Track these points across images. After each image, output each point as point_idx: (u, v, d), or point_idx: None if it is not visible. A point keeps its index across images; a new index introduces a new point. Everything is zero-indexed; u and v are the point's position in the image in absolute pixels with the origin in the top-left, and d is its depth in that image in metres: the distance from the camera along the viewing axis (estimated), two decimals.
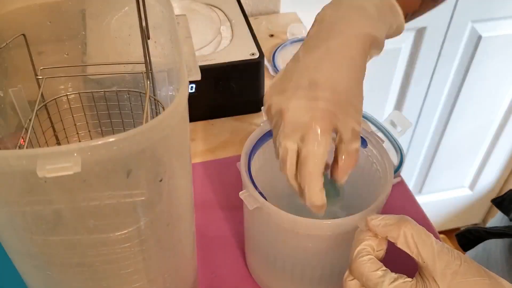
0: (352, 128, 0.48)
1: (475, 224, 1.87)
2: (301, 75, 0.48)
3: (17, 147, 0.50)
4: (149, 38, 0.49)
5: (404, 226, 0.40)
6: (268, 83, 0.85)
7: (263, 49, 0.80)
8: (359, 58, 0.49)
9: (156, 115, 0.54)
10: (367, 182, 0.57)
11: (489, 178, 1.69)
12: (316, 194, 0.47)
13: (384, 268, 0.40)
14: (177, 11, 0.86)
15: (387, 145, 0.72)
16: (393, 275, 0.39)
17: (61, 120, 0.57)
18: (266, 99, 0.50)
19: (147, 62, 0.51)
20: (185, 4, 0.88)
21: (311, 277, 0.56)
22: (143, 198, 0.40)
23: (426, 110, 1.45)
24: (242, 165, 0.52)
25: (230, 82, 0.78)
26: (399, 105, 1.42)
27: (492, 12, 1.26)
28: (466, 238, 0.77)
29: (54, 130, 0.58)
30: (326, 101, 0.47)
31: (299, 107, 0.47)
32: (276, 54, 0.93)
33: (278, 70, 0.90)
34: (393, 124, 0.72)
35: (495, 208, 0.76)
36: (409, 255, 0.40)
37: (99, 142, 0.32)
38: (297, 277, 0.56)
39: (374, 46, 0.51)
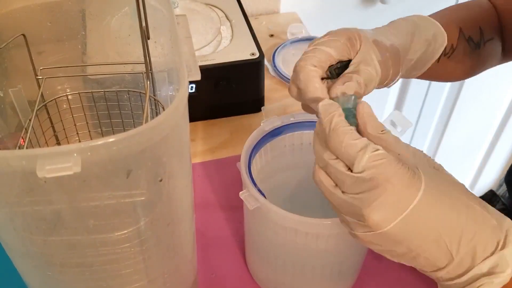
0: (372, 61, 0.46)
1: None
2: None
3: (17, 147, 0.50)
4: (149, 38, 0.49)
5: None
6: (268, 83, 0.85)
7: (263, 49, 0.80)
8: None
9: (156, 115, 0.54)
10: None
11: (489, 178, 1.69)
12: (309, 80, 0.44)
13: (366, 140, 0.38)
14: (177, 11, 0.85)
15: None
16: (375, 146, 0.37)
17: (61, 120, 0.57)
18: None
19: (147, 62, 0.51)
20: (185, 4, 0.88)
21: (311, 277, 0.56)
22: (143, 198, 0.40)
23: (426, 110, 1.45)
24: (242, 165, 0.52)
25: (230, 82, 0.78)
26: (399, 105, 1.42)
27: None
28: None
29: (54, 130, 0.58)
30: (368, 32, 0.48)
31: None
32: (276, 54, 0.93)
33: (278, 70, 0.90)
34: (393, 124, 0.72)
35: (495, 199, 0.76)
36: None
37: (99, 142, 0.32)
38: (297, 277, 0.56)
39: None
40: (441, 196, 0.37)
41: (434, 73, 0.57)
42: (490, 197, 0.78)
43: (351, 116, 0.40)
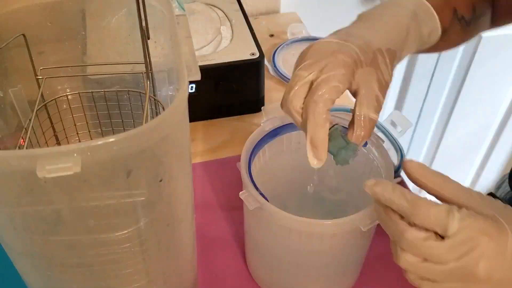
0: (375, 95, 0.45)
1: None
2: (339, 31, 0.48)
3: (17, 147, 0.50)
4: (149, 38, 0.49)
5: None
6: (268, 83, 0.85)
7: (263, 49, 0.80)
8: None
9: (156, 115, 0.54)
10: None
11: (489, 178, 1.69)
12: (319, 125, 0.44)
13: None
14: (177, 11, 0.85)
15: (387, 145, 0.72)
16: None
17: (61, 120, 0.57)
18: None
19: (147, 62, 0.51)
20: (185, 4, 0.88)
21: (311, 277, 0.56)
22: (143, 198, 0.40)
23: (426, 110, 1.45)
24: (242, 165, 0.52)
25: (230, 82, 0.78)
26: (399, 105, 1.42)
27: None
28: None
29: (54, 130, 0.58)
30: (356, 45, 0.46)
31: (328, 41, 0.46)
32: (276, 54, 0.93)
33: (278, 70, 0.90)
34: (393, 124, 0.72)
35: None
36: None
37: (99, 142, 0.32)
38: (297, 277, 0.56)
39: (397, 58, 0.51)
40: None
41: (421, 50, 0.57)
42: None
43: (337, 135, 0.44)
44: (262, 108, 0.59)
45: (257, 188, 0.50)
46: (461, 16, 0.58)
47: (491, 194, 0.78)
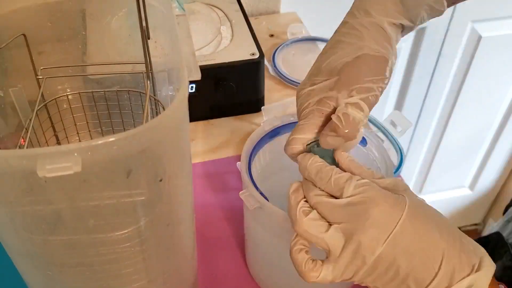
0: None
1: (475, 224, 1.86)
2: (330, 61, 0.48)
3: (17, 147, 0.50)
4: (149, 38, 0.49)
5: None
6: (268, 83, 0.85)
7: (263, 49, 0.80)
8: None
9: (156, 115, 0.54)
10: None
11: (489, 178, 1.69)
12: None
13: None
14: (177, 11, 0.86)
15: (387, 145, 0.72)
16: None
17: (61, 120, 0.57)
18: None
19: (147, 62, 0.51)
20: (185, 4, 0.88)
21: None
22: (143, 198, 0.40)
23: (426, 110, 1.45)
24: (242, 165, 0.52)
25: (230, 82, 0.78)
26: (399, 105, 1.42)
27: (492, 12, 1.26)
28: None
29: (54, 130, 0.58)
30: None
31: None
32: (276, 54, 0.93)
33: (278, 70, 0.90)
34: (393, 124, 0.72)
35: (495, 208, 0.76)
36: None
37: (99, 142, 0.32)
38: (297, 277, 0.56)
39: (404, 32, 0.50)
40: (425, 216, 0.40)
41: None
42: (496, 241, 0.79)
43: (328, 158, 0.45)
44: (262, 108, 0.59)
45: (257, 188, 0.50)
46: None
47: (497, 234, 0.78)
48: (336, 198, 0.41)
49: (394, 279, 0.39)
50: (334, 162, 0.45)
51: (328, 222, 0.41)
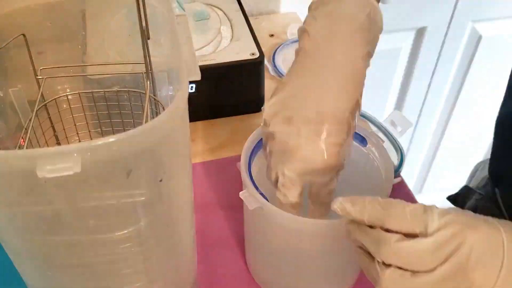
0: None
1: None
2: (305, 103, 0.46)
3: (17, 147, 0.50)
4: (149, 38, 0.49)
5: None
6: (268, 83, 0.85)
7: (263, 49, 0.80)
8: (359, 77, 0.47)
9: (156, 115, 0.54)
10: (367, 182, 0.57)
11: None
12: None
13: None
14: (177, 11, 0.85)
15: (387, 145, 0.72)
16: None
17: (61, 120, 0.57)
18: (268, 122, 0.48)
19: (147, 62, 0.51)
20: (185, 4, 0.88)
21: (311, 277, 0.56)
22: (143, 198, 0.40)
23: (426, 110, 1.45)
24: (242, 165, 0.52)
25: (230, 82, 0.78)
26: (399, 105, 1.42)
27: (492, 12, 1.26)
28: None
29: (54, 130, 0.57)
30: (335, 135, 0.45)
31: (311, 145, 0.45)
32: (276, 54, 0.93)
33: (278, 70, 0.90)
34: (393, 124, 0.72)
35: (471, 193, 0.77)
36: None
37: (99, 142, 0.32)
38: (296, 277, 0.56)
39: (369, 57, 0.50)
40: None
41: None
42: (466, 193, 0.79)
43: None
44: (262, 108, 0.59)
45: (257, 188, 0.50)
46: None
47: (465, 186, 0.78)
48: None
49: None
50: None
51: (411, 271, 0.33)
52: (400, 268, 0.33)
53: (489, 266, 0.32)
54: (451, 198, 0.79)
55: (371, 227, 0.36)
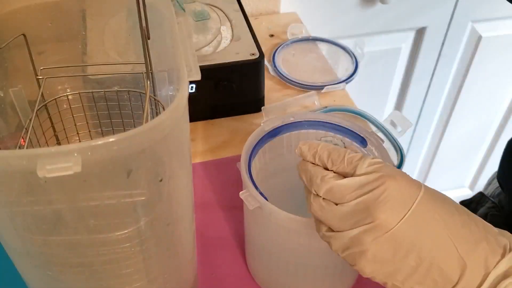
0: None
1: None
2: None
3: (17, 147, 0.50)
4: (149, 38, 0.49)
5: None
6: (268, 83, 0.85)
7: (263, 49, 0.80)
8: None
9: (156, 115, 0.54)
10: None
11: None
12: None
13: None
14: (177, 11, 0.85)
15: (387, 145, 0.72)
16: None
17: (61, 120, 0.57)
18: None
19: (147, 62, 0.51)
20: (185, 4, 0.88)
21: (311, 277, 0.56)
22: (143, 198, 0.40)
23: (426, 110, 1.45)
24: (242, 165, 0.52)
25: (230, 82, 0.78)
26: (399, 105, 1.42)
27: (492, 12, 1.26)
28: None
29: (54, 130, 0.58)
30: None
31: None
32: (276, 54, 0.93)
33: (278, 70, 0.90)
34: (393, 124, 0.72)
35: (484, 200, 0.77)
36: None
37: (99, 142, 0.32)
38: (297, 277, 0.56)
39: None
40: (442, 200, 0.37)
41: None
42: (479, 199, 0.79)
43: None
44: (262, 108, 0.59)
45: (257, 188, 0.50)
46: None
47: (480, 193, 0.78)
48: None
49: (417, 269, 0.36)
50: None
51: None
52: (327, 199, 0.40)
53: (395, 210, 0.36)
54: (465, 203, 0.79)
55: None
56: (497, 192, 0.76)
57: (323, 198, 0.41)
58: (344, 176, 0.40)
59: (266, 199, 0.49)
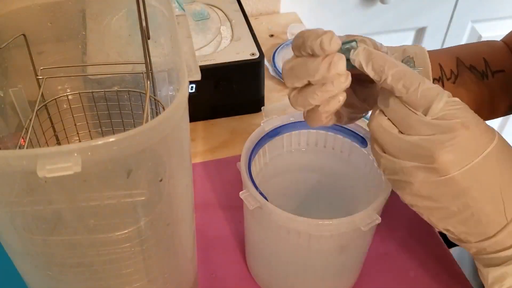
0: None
1: None
2: None
3: (17, 147, 0.50)
4: (149, 38, 0.49)
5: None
6: (268, 83, 0.85)
7: (263, 49, 0.80)
8: None
9: (156, 115, 0.54)
10: (368, 182, 0.57)
11: None
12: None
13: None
14: (177, 11, 0.85)
15: None
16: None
17: (61, 120, 0.57)
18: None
19: (147, 62, 0.51)
20: (185, 4, 0.88)
21: (311, 277, 0.56)
22: (143, 198, 0.40)
23: None
24: (242, 165, 0.52)
25: (230, 82, 0.78)
26: None
27: (492, 12, 1.26)
28: None
29: (54, 130, 0.58)
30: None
31: None
32: (276, 54, 0.93)
33: (278, 70, 0.90)
34: None
35: None
36: None
37: (99, 142, 0.32)
38: (296, 277, 0.56)
39: None
40: (511, 154, 0.37)
41: None
42: None
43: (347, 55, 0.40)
44: (262, 108, 0.59)
45: (257, 188, 0.50)
46: (469, 65, 0.57)
47: None
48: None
49: (454, 216, 0.36)
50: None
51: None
52: (391, 122, 0.39)
53: (458, 159, 0.35)
54: None
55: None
56: None
57: (388, 118, 0.39)
58: (413, 107, 0.37)
59: (266, 199, 0.49)
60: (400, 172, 0.38)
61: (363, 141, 0.56)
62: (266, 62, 0.87)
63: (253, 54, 0.78)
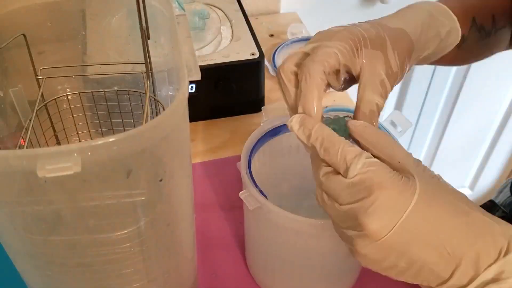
0: (381, 79, 0.43)
1: None
2: None
3: (17, 147, 0.50)
4: (149, 38, 0.49)
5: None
6: (268, 83, 0.85)
7: (263, 49, 0.80)
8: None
9: (156, 115, 0.54)
10: None
11: (489, 178, 1.69)
12: (313, 85, 0.42)
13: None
14: (177, 11, 0.85)
15: None
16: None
17: (61, 120, 0.57)
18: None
19: (147, 62, 0.51)
20: (185, 4, 0.88)
21: (311, 277, 0.56)
22: (143, 198, 0.40)
23: (426, 110, 1.45)
24: (242, 165, 0.52)
25: (230, 82, 0.78)
26: (399, 105, 1.42)
27: None
28: None
29: (54, 130, 0.58)
30: (364, 28, 0.45)
31: (335, 26, 0.45)
32: (276, 54, 0.93)
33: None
34: (393, 124, 0.72)
35: (495, 209, 0.77)
36: None
37: (99, 142, 0.32)
38: (297, 277, 0.56)
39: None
40: (438, 201, 0.37)
41: (439, 60, 0.55)
42: (490, 207, 0.78)
43: (340, 131, 0.42)
44: (262, 108, 0.59)
45: (257, 188, 0.50)
46: (480, 25, 0.57)
47: (491, 201, 0.78)
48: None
49: (407, 271, 0.37)
50: (346, 134, 0.42)
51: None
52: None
53: (385, 221, 0.36)
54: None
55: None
56: (508, 201, 0.76)
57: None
58: (337, 170, 0.39)
59: (266, 198, 0.49)
60: (346, 240, 0.40)
61: None
62: (266, 62, 0.87)
63: (253, 54, 0.78)
